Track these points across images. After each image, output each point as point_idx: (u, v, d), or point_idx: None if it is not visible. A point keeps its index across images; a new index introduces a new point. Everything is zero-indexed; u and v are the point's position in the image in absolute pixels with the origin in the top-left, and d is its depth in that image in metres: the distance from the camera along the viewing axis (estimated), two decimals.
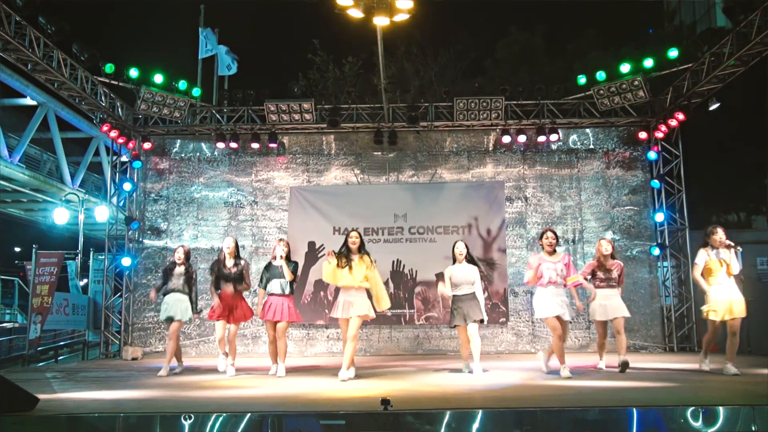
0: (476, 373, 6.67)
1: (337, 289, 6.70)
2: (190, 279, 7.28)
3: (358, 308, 6.30)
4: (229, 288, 7.07)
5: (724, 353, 6.34)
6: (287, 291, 6.85)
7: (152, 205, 10.74)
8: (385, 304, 6.55)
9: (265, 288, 6.91)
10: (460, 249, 6.90)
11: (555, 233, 6.63)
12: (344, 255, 6.44)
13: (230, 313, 7.13)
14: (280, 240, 7.15)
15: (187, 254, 7.39)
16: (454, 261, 6.93)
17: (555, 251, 6.54)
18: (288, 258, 6.90)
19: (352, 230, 6.65)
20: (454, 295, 6.81)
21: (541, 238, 6.62)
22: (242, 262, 7.21)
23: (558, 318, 6.32)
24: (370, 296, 6.54)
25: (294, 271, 6.92)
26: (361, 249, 6.50)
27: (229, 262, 7.14)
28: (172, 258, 7.56)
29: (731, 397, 4.74)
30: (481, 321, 6.74)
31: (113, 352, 10.38)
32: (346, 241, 6.51)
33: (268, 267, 7.00)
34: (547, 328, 10.04)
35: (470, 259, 6.91)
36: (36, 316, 9.88)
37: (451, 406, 4.35)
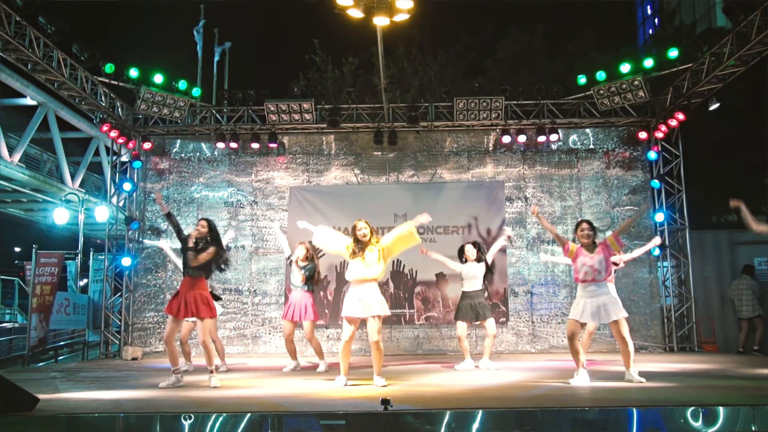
0: (483, 367, 7.12)
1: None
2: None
3: (373, 306, 5.54)
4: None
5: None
6: (305, 288, 7.37)
7: (152, 205, 10.73)
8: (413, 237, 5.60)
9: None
10: (470, 251, 7.37)
11: (591, 225, 5.81)
12: (356, 247, 5.68)
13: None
14: (302, 243, 7.53)
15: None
16: (464, 261, 7.44)
17: (594, 244, 5.76)
18: (309, 259, 7.41)
19: (358, 221, 5.79)
20: (462, 291, 7.35)
21: (576, 230, 5.86)
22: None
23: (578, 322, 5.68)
24: (383, 292, 5.94)
25: (311, 273, 7.39)
26: (372, 239, 5.71)
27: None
28: None
29: (731, 397, 4.75)
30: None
31: (113, 352, 10.39)
32: (354, 235, 5.71)
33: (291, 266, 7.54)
34: (547, 327, 10.17)
35: (480, 258, 7.38)
36: (39, 314, 9.88)
37: (451, 406, 4.35)
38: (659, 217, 10.27)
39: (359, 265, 5.60)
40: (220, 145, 10.55)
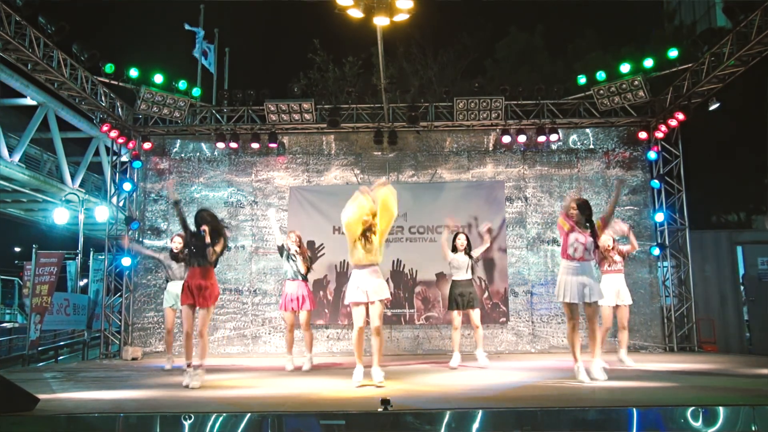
0: (480, 361, 7.25)
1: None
2: None
3: (379, 290, 5.52)
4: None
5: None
6: (301, 278, 7.31)
7: (152, 205, 10.74)
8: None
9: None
10: (462, 241, 7.52)
11: (582, 205, 5.75)
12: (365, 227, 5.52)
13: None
14: (291, 231, 7.58)
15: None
16: (454, 250, 7.55)
17: (587, 223, 5.74)
18: (300, 247, 7.36)
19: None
20: (453, 280, 7.50)
21: (569, 204, 5.81)
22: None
23: (574, 305, 5.63)
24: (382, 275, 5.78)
25: (310, 262, 7.45)
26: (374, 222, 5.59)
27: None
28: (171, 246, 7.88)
29: (731, 397, 4.74)
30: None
31: (113, 352, 10.38)
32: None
33: (286, 255, 7.39)
34: (547, 327, 10.16)
35: (467, 252, 7.54)
36: (35, 316, 9.89)
37: (451, 406, 4.35)
38: (659, 217, 10.27)
39: (359, 249, 5.57)
40: (220, 145, 10.54)
